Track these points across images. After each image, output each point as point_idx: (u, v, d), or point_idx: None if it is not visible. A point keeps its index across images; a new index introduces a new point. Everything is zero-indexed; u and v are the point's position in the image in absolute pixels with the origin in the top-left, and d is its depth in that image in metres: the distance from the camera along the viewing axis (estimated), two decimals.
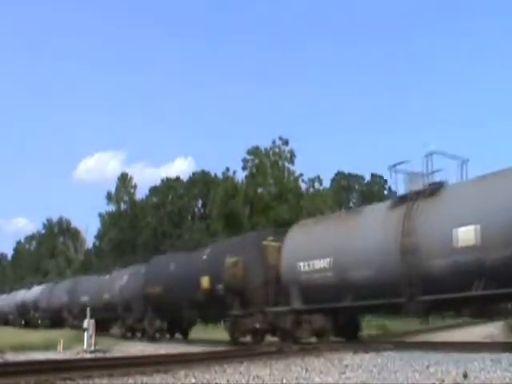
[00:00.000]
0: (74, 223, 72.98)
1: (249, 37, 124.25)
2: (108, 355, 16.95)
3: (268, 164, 36.27)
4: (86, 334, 20.06)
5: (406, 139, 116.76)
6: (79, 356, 16.96)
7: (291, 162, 37.24)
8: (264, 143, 36.51)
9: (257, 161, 36.74)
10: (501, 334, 21.35)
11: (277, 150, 37.11)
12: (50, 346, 20.93)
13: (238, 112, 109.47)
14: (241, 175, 38.35)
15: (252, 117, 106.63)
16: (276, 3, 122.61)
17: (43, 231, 75.03)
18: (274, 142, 37.14)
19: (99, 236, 57.57)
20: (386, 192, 62.30)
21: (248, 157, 37.11)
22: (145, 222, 57.12)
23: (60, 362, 12.22)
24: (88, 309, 21.27)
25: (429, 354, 10.68)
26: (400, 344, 13.80)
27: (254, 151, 36.88)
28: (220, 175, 60.42)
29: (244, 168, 37.28)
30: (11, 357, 15.64)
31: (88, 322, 20.18)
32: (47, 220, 74.53)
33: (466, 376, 7.37)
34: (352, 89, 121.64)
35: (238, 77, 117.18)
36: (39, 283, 43.29)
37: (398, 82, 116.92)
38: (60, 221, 74.46)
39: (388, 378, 8.31)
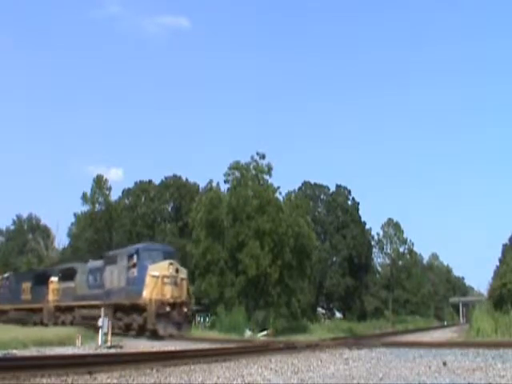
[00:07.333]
0: (44, 221, 74.21)
1: None
2: (126, 351, 19.34)
3: (249, 178, 38.91)
4: (100, 331, 22.56)
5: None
6: (98, 351, 19.32)
7: (269, 174, 40.08)
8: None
9: (238, 174, 39.33)
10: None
11: (255, 164, 39.67)
12: (65, 342, 23.30)
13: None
14: (223, 187, 40.86)
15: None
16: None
17: (12, 227, 75.63)
18: (252, 157, 39.63)
19: (75, 235, 59.21)
20: (349, 202, 66.19)
21: (229, 171, 39.57)
22: (119, 224, 59.11)
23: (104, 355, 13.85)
24: (102, 309, 23.80)
25: (412, 350, 14.00)
26: (385, 343, 17.17)
27: (236, 165, 39.45)
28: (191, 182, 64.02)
29: (226, 181, 39.80)
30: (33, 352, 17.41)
31: (102, 321, 22.70)
32: (17, 216, 75.27)
33: (445, 364, 10.66)
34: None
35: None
36: None
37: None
38: (30, 217, 75.43)
39: (386, 366, 11.47)
